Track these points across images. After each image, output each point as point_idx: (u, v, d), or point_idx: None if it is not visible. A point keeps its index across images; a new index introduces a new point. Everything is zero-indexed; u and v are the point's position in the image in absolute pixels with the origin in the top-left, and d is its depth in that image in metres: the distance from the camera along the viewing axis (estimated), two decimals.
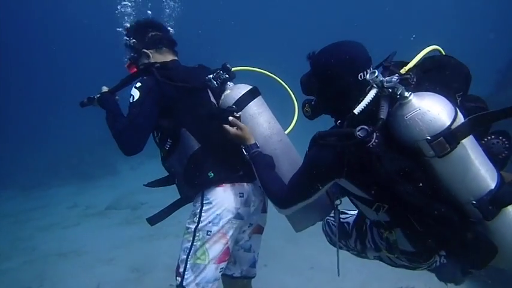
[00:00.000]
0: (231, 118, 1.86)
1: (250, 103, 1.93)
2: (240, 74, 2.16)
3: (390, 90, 1.29)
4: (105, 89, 2.05)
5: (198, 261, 1.88)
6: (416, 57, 1.43)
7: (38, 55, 22.74)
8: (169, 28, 2.23)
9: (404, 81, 1.29)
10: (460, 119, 1.26)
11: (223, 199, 1.90)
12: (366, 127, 1.28)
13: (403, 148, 1.30)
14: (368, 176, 1.33)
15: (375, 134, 1.28)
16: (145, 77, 1.94)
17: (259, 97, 1.99)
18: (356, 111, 1.30)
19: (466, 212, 1.32)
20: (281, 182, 1.67)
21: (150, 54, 2.06)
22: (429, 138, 1.21)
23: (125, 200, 7.30)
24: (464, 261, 1.44)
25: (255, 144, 1.83)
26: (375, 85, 1.30)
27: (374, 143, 1.28)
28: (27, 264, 4.80)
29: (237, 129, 1.84)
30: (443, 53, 1.56)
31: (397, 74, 1.32)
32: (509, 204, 1.30)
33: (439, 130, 1.21)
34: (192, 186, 1.96)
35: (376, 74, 1.30)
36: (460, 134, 1.22)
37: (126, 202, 7.18)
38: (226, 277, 2.15)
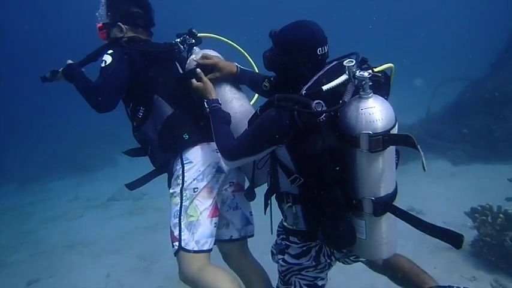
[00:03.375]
0: (198, 70, 1.95)
1: None
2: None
3: (357, 81, 1.42)
4: (70, 61, 2.07)
5: (192, 219, 1.91)
6: (380, 67, 1.61)
7: (35, 50, 22.35)
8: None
9: (375, 78, 1.43)
10: (396, 128, 1.46)
11: (203, 156, 1.97)
12: (322, 102, 1.41)
13: (339, 134, 1.46)
14: (304, 146, 1.45)
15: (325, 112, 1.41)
16: (115, 47, 2.00)
17: None
18: (325, 87, 1.44)
19: (359, 203, 1.51)
20: (232, 137, 1.78)
21: (124, 29, 2.10)
22: (371, 133, 1.39)
23: (126, 191, 7.20)
24: (328, 241, 1.61)
25: (217, 100, 1.92)
26: (347, 72, 1.44)
27: (322, 119, 1.42)
28: (35, 256, 4.85)
29: (201, 82, 1.94)
30: (393, 72, 1.70)
31: (370, 71, 1.45)
32: (393, 213, 1.54)
33: (381, 130, 1.40)
34: (168, 151, 2.00)
35: (353, 63, 1.43)
36: (393, 140, 1.43)
37: (128, 193, 7.15)
38: (224, 243, 2.18)
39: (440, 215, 4.07)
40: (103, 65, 1.91)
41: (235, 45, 2.31)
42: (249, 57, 2.32)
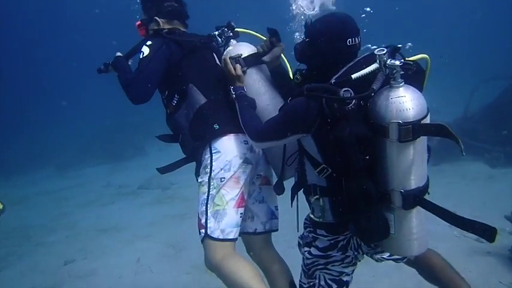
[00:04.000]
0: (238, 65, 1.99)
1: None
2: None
3: (388, 71, 1.40)
4: (119, 54, 2.17)
5: (218, 208, 1.95)
6: (413, 57, 1.57)
7: (71, 42, 23.35)
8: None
9: (406, 66, 1.42)
10: (428, 119, 1.44)
11: (230, 146, 1.99)
12: (350, 90, 1.40)
13: (369, 123, 1.45)
14: (332, 132, 1.45)
15: (354, 100, 1.40)
16: (155, 38, 2.06)
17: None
18: (354, 76, 1.43)
19: (389, 196, 1.49)
20: (259, 119, 1.83)
21: (161, 23, 2.17)
22: (401, 122, 1.37)
23: (155, 180, 7.52)
24: (360, 233, 1.58)
25: (243, 87, 1.98)
26: (378, 60, 1.42)
27: (350, 107, 1.40)
28: (71, 238, 5.11)
29: (233, 70, 1.98)
30: (429, 64, 1.68)
31: (402, 60, 1.43)
32: (423, 206, 1.50)
33: (412, 119, 1.37)
34: (198, 139, 2.05)
35: (384, 52, 1.41)
36: (424, 130, 1.40)
37: (157, 182, 7.40)
38: (248, 235, 2.20)
39: (476, 218, 3.89)
40: (141, 56, 1.98)
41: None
42: (283, 55, 2.32)
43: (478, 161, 6.01)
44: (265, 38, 2.21)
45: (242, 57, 2.02)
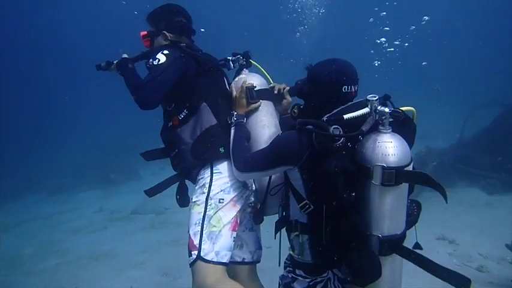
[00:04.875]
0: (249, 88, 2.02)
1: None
2: None
3: (378, 116, 1.50)
4: (125, 55, 2.13)
5: (214, 229, 1.89)
6: (402, 108, 1.66)
7: (65, 65, 23.61)
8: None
9: (395, 113, 1.53)
10: (411, 167, 1.50)
11: (232, 170, 1.95)
12: (339, 128, 1.47)
13: (355, 165, 1.50)
14: (318, 168, 1.48)
15: (343, 138, 1.47)
16: (172, 48, 2.04)
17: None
18: (346, 116, 1.53)
19: (367, 240, 1.50)
20: (249, 150, 1.86)
21: (169, 37, 2.16)
22: (385, 166, 1.42)
23: (149, 205, 7.39)
24: (353, 273, 1.54)
25: (244, 117, 2.01)
26: (369, 105, 1.52)
27: (338, 145, 1.46)
28: (62, 265, 4.95)
29: (243, 97, 2.01)
30: (415, 115, 1.76)
31: (392, 108, 1.54)
32: (400, 254, 1.52)
33: (395, 165, 1.44)
34: (199, 158, 2.00)
35: (376, 99, 1.52)
36: (407, 176, 1.46)
37: (151, 207, 7.28)
38: (235, 265, 2.13)
39: (475, 246, 3.87)
40: (155, 62, 1.94)
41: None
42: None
43: (473, 187, 6.02)
44: (272, 82, 2.22)
45: (256, 89, 2.03)
